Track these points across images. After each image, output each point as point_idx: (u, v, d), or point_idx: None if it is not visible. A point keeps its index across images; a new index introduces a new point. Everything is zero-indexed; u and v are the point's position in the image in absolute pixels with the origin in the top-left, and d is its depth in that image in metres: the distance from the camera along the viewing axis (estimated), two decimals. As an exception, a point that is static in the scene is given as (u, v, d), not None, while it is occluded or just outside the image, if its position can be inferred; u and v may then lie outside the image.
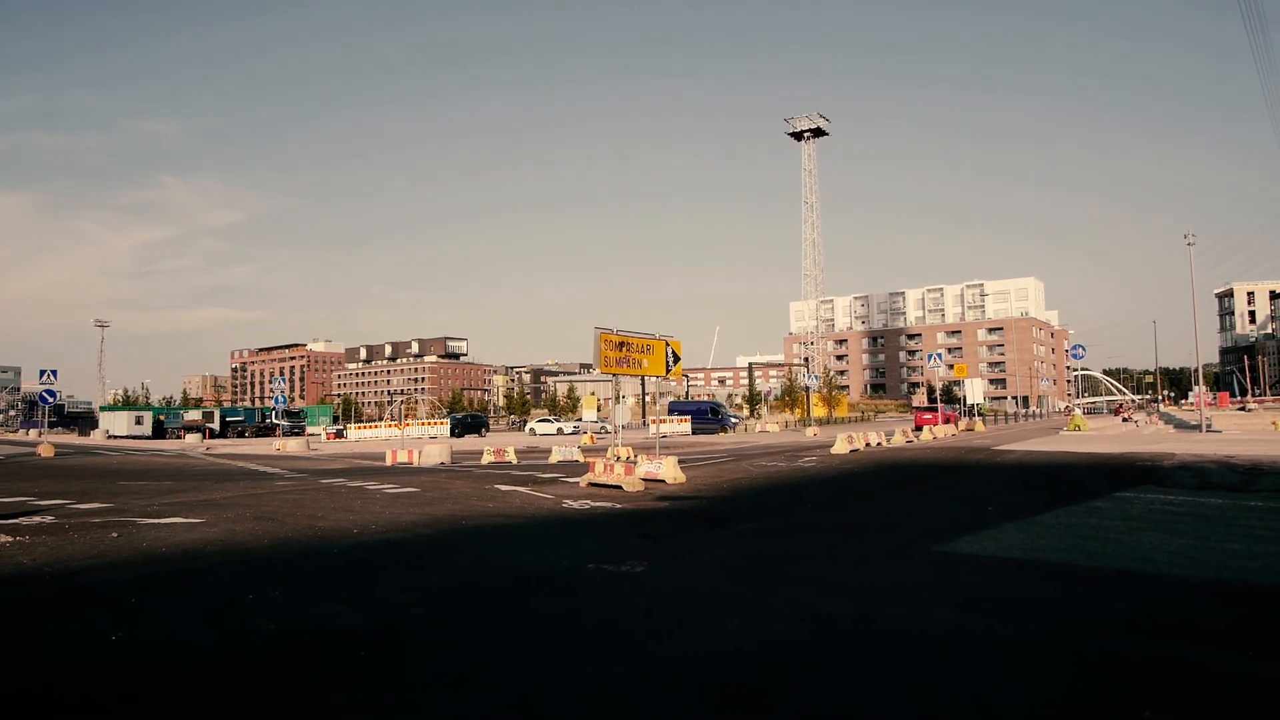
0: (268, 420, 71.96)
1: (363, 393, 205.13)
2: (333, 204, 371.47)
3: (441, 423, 67.81)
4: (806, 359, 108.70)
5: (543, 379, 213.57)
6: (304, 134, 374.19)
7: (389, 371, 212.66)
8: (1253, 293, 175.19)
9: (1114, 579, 8.61)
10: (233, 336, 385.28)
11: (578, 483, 19.96)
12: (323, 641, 6.62)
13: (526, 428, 73.16)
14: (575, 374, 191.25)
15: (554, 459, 29.63)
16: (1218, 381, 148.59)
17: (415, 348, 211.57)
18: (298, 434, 63.58)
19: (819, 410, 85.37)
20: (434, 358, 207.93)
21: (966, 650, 6.14)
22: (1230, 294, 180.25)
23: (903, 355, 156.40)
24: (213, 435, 65.38)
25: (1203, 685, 5.31)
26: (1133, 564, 9.20)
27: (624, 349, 20.31)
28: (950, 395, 75.82)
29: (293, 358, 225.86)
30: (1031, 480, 19.51)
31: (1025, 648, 6.17)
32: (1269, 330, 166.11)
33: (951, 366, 61.94)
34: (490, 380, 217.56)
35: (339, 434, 65.99)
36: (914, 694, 5.19)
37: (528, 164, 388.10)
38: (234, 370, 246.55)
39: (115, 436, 69.63)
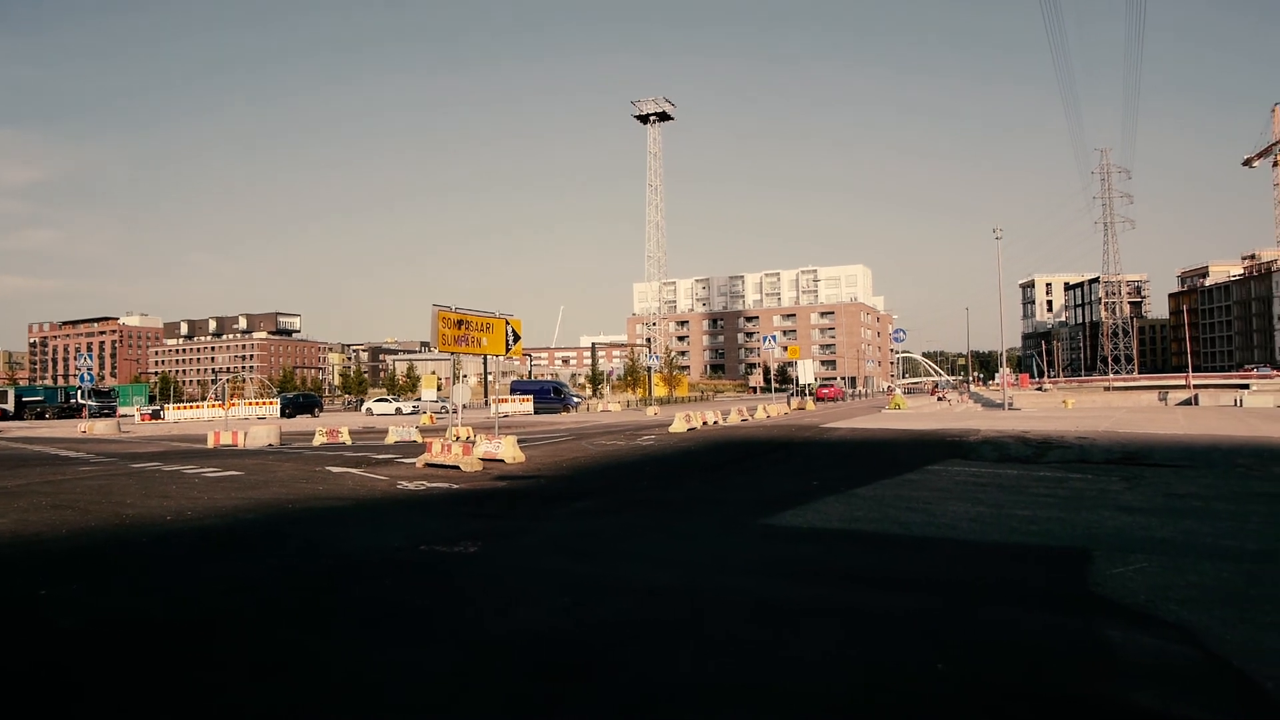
0: (72, 400, 66.34)
1: (184, 371, 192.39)
2: (148, 165, 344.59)
3: (271, 403, 64.63)
4: (649, 339, 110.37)
5: (381, 357, 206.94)
6: (116, 86, 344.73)
7: (214, 348, 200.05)
8: (1050, 284, 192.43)
9: (920, 545, 9.28)
10: (32, 308, 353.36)
11: (414, 463, 19.54)
12: (129, 637, 6.22)
13: (363, 408, 70.68)
14: (416, 352, 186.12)
15: (390, 440, 28.85)
16: (1020, 364, 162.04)
17: (243, 323, 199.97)
18: (108, 415, 58.90)
19: (660, 390, 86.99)
20: (264, 334, 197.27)
21: (787, 617, 6.48)
22: (1032, 285, 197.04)
23: (741, 337, 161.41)
24: (6, 417, 59.70)
25: (987, 636, 5.83)
26: (937, 531, 9.96)
27: (463, 327, 20.00)
28: (784, 375, 78.92)
29: (103, 332, 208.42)
30: (853, 456, 20.66)
31: (840, 611, 6.56)
32: (1063, 318, 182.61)
33: (786, 348, 64.64)
34: (325, 358, 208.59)
35: (155, 415, 61.78)
36: (736, 661, 5.43)
37: (371, 141, 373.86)
38: (33, 346, 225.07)
39: (-113, 419, 62.27)
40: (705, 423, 35.62)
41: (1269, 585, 7.01)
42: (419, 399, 72.07)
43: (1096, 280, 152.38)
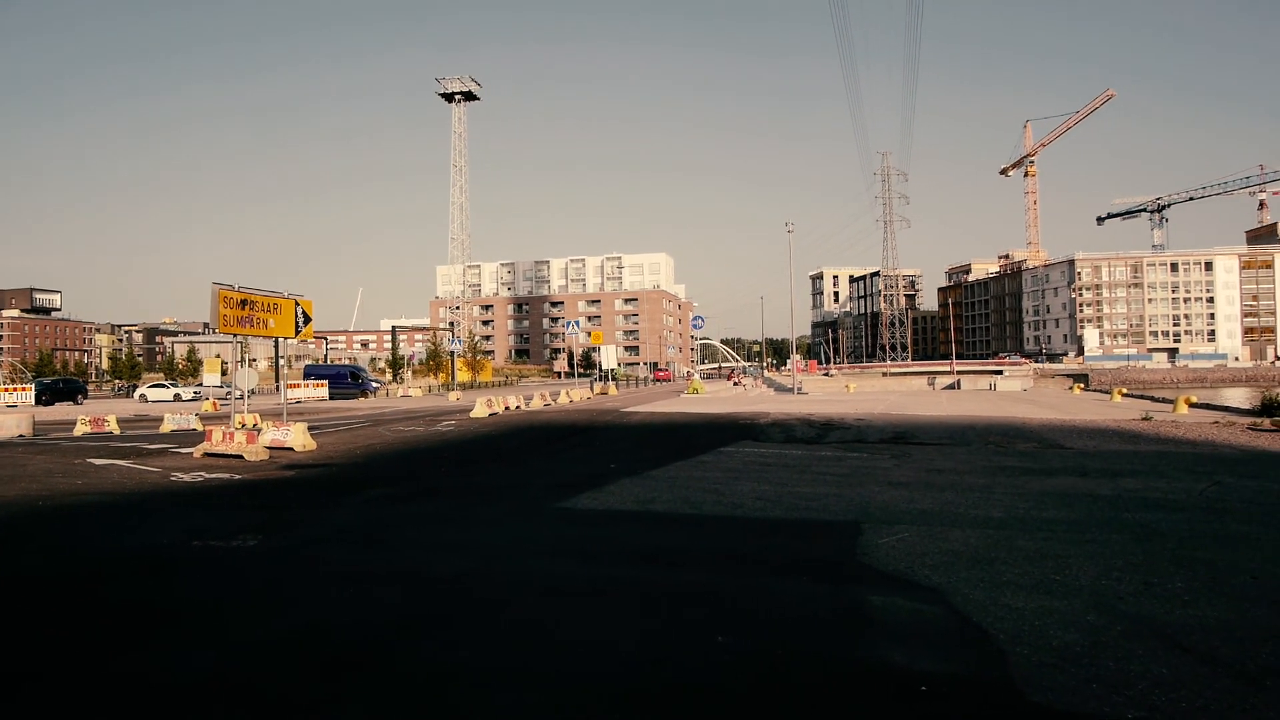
0: None
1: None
2: None
3: (25, 389, 57.89)
4: (452, 323, 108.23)
5: (159, 339, 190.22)
6: None
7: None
8: (837, 276, 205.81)
9: (709, 523, 9.67)
10: None
11: (191, 453, 18.18)
12: None
13: (136, 394, 64.63)
14: (198, 334, 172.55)
15: (166, 428, 26.66)
16: (810, 351, 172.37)
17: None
18: None
19: (464, 375, 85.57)
20: (16, 312, 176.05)
21: (576, 597, 6.55)
22: (821, 276, 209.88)
23: (546, 322, 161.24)
24: None
25: (766, 608, 6.16)
26: (726, 509, 10.40)
27: (247, 308, 18.75)
28: (589, 360, 79.71)
29: None
30: (651, 439, 21.17)
31: (629, 590, 6.71)
32: (849, 309, 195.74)
33: (590, 334, 65.28)
34: (92, 340, 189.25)
35: (-127, 403, 53.75)
36: (523, 644, 5.44)
37: (151, 109, 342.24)
38: None
39: None
40: (508, 407, 35.39)
41: (1008, 549, 7.82)
42: (201, 384, 66.96)
43: (877, 274, 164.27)
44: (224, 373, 66.82)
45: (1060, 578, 6.75)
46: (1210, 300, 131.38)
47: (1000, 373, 71.88)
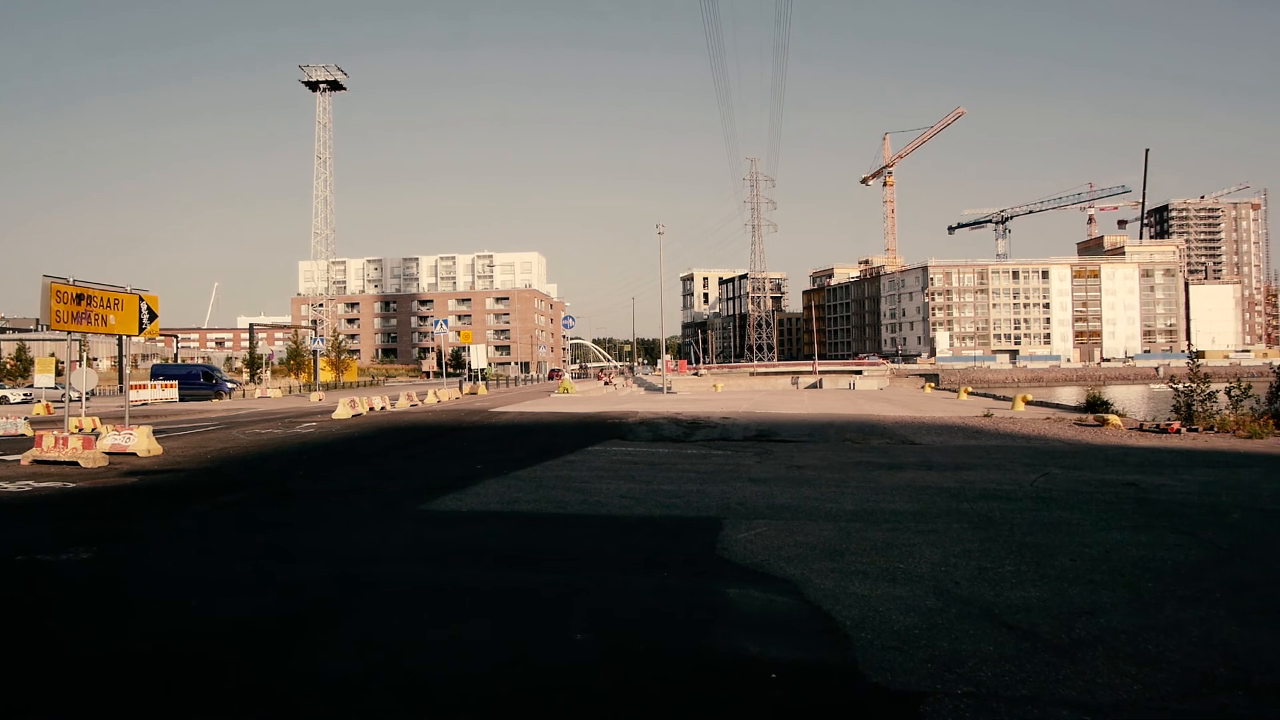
0: None
1: None
2: None
3: None
4: (315, 321, 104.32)
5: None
6: None
7: None
8: (707, 278, 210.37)
9: (573, 522, 9.71)
10: None
11: (19, 460, 16.82)
12: None
13: (-45, 396, 59.46)
14: (30, 331, 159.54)
15: (-10, 433, 24.57)
16: (680, 351, 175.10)
17: None
18: None
19: (327, 375, 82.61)
20: None
21: (436, 600, 6.46)
22: (691, 278, 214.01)
23: (415, 320, 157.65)
24: None
25: (626, 604, 6.25)
26: (590, 509, 10.47)
27: (84, 303, 17.49)
28: (458, 360, 78.49)
29: None
30: (519, 439, 21.03)
31: (489, 592, 6.67)
32: (718, 310, 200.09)
33: (459, 333, 64.25)
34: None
35: None
36: (380, 648, 5.31)
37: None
38: None
39: None
40: (372, 408, 34.43)
41: (859, 540, 8.20)
42: (32, 386, 62.07)
43: (745, 276, 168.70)
44: (59, 373, 62.09)
45: (904, 566, 7.14)
46: (1046, 306, 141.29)
47: (859, 373, 75.11)
